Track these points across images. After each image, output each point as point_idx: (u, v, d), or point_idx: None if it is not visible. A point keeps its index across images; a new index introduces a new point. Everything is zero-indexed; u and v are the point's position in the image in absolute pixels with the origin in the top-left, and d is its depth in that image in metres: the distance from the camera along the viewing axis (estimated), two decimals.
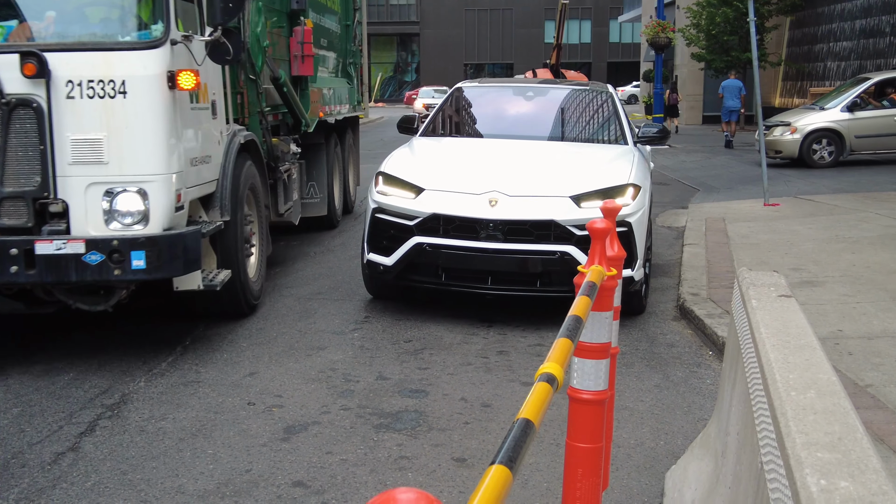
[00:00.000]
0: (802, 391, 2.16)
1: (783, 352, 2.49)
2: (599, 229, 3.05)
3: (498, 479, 1.29)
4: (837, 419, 1.99)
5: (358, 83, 13.60)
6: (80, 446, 4.48)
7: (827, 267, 8.10)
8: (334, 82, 12.05)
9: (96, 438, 4.58)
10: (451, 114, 8.88)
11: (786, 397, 2.13)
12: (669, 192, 14.96)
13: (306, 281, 8.29)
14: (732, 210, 12.13)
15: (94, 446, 4.48)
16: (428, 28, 74.06)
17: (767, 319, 2.88)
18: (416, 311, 7.11)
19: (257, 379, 5.54)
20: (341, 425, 4.78)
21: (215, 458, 4.35)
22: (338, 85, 12.32)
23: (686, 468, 3.77)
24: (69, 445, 4.49)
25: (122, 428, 4.74)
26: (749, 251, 9.08)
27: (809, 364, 2.37)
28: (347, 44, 13.00)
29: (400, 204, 6.85)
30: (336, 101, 11.91)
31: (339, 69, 12.79)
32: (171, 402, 5.13)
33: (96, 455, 4.37)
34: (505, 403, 5.09)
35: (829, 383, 2.25)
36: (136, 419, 4.85)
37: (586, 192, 6.69)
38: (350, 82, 13.24)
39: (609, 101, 8.65)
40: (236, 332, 6.53)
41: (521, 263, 6.57)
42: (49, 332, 6.45)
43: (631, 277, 6.62)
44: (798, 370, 2.32)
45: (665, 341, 6.45)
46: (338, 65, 12.68)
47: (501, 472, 1.32)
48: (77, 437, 4.60)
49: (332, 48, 12.16)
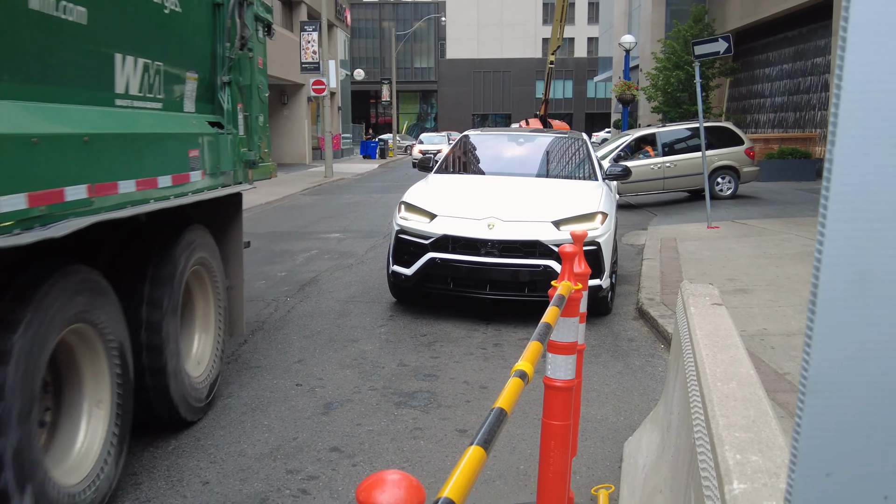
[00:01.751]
0: (726, 382, 2.20)
1: (712, 350, 2.53)
2: (569, 253, 3.09)
3: (474, 458, 1.31)
4: (753, 405, 2.03)
5: (251, 125, 5.30)
6: None
7: (756, 278, 8.09)
8: (140, 121, 3.69)
9: None
10: (460, 155, 8.93)
11: (713, 387, 2.16)
12: (633, 217, 14.94)
13: (344, 287, 8.31)
14: (682, 231, 12.10)
15: None
16: (444, 86, 74.32)
17: (702, 323, 2.91)
18: (430, 311, 7.13)
19: (304, 365, 5.57)
20: (369, 402, 4.82)
21: (269, 428, 4.39)
22: (153, 126, 3.83)
23: (640, 439, 3.79)
24: None
25: None
26: (694, 265, 9.08)
27: (733, 360, 2.40)
28: (206, 40, 4.62)
29: (417, 227, 6.91)
30: (138, 166, 3.60)
31: (177, 92, 4.20)
32: (236, 383, 5.17)
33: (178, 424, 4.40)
34: (499, 386, 5.07)
35: (748, 376, 2.28)
36: None
37: (564, 218, 6.76)
38: (225, 120, 4.83)
39: (583, 146, 8.70)
40: (289, 328, 6.57)
41: (513, 274, 6.61)
42: None
43: (599, 286, 6.67)
44: (723, 365, 2.35)
45: (626, 336, 6.47)
46: (164, 81, 3.94)
47: (477, 452, 1.33)
48: None
49: (132, 34, 3.59)
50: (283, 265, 9.63)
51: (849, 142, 0.77)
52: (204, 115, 4.50)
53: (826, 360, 0.79)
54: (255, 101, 5.30)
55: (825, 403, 0.80)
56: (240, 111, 4.96)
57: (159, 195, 3.69)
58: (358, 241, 11.77)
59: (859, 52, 0.75)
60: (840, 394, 0.79)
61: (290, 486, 3.69)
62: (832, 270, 0.78)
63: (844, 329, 0.79)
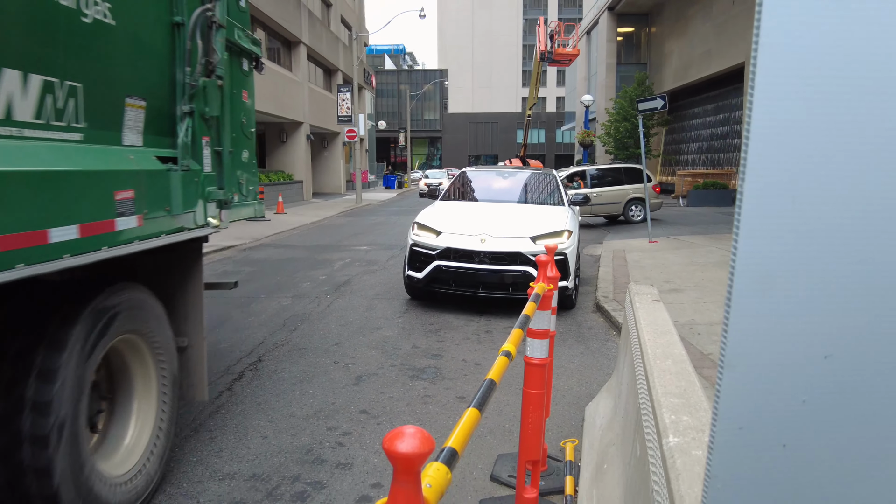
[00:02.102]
0: (663, 360, 2.20)
1: (652, 335, 2.53)
2: (543, 261, 3.09)
3: (471, 417, 1.32)
4: (684, 378, 2.02)
5: (225, 161, 3.61)
6: (233, 387, 4.53)
7: (686, 280, 8.07)
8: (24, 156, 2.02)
9: (243, 383, 4.63)
10: (459, 186, 8.93)
11: (653, 364, 2.16)
12: (592, 234, 14.91)
13: (371, 287, 8.30)
14: (629, 245, 12.07)
15: (241, 387, 4.53)
16: (447, 133, 74.26)
17: (644, 315, 2.91)
18: (437, 306, 7.11)
19: (340, 347, 5.56)
20: (389, 376, 4.81)
21: (313, 395, 4.39)
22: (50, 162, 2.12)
23: (598, 404, 3.79)
24: (226, 386, 4.54)
25: (258, 376, 4.77)
26: (639, 270, 9.06)
27: (668, 344, 2.40)
28: (162, 64, 3.01)
29: (427, 241, 6.91)
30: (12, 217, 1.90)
31: (109, 121, 2.59)
32: (287, 360, 5.16)
33: (242, 393, 4.42)
34: (489, 363, 5.06)
35: (680, 356, 2.28)
36: (266, 371, 4.89)
37: (539, 234, 6.76)
38: (181, 154, 3.11)
39: (553, 180, 8.70)
40: (328, 318, 6.55)
41: (500, 277, 6.60)
42: (213, 321, 6.49)
43: (566, 286, 6.66)
44: (661, 347, 2.35)
45: (587, 325, 6.45)
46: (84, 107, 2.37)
47: (474, 413, 1.35)
48: (231, 382, 4.65)
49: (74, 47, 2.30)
50: (324, 270, 9.63)
51: (754, 177, 0.78)
52: (154, 148, 2.96)
53: (738, 342, 0.80)
54: (238, 136, 3.90)
55: (737, 375, 0.81)
56: (205, 145, 3.37)
57: (45, 255, 2.07)
58: (381, 251, 11.77)
59: (762, 110, 0.77)
60: (748, 368, 0.80)
61: (329, 439, 3.68)
62: (742, 275, 0.80)
63: (751, 319, 0.80)
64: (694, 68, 27.36)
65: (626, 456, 2.27)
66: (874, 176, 0.77)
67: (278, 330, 6.09)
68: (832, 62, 0.75)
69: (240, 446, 3.58)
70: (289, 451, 3.52)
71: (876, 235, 0.77)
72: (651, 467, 1.59)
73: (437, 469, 1.08)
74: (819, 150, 0.77)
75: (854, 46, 0.74)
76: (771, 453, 0.80)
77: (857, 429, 0.80)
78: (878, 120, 0.76)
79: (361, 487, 3.14)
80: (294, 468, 3.33)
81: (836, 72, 0.75)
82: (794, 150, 0.77)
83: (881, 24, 0.74)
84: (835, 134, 0.77)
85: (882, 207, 0.76)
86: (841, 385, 0.79)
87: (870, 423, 0.80)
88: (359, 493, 3.09)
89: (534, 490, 2.68)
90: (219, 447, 3.56)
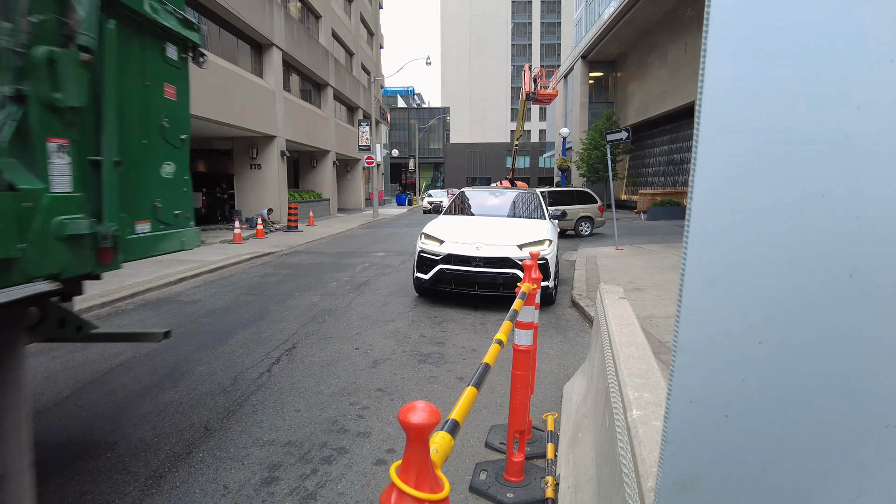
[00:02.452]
0: (627, 347, 2.19)
1: (618, 326, 2.52)
2: (528, 265, 3.09)
3: (469, 394, 1.33)
4: (645, 362, 2.02)
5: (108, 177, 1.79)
6: (271, 369, 4.50)
7: (647, 281, 8.05)
8: None
9: (280, 366, 4.60)
10: (459, 203, 8.91)
11: (619, 349, 2.16)
12: (568, 243, 14.87)
13: (386, 286, 8.29)
14: (599, 252, 12.05)
15: (279, 369, 4.51)
16: (449, 160, 74.11)
17: (611, 309, 2.90)
18: (440, 302, 7.10)
19: (360, 336, 5.54)
20: (401, 360, 4.79)
21: (338, 376, 4.37)
22: None
23: (573, 384, 3.77)
24: (266, 369, 4.52)
25: (292, 360, 4.75)
26: (608, 273, 9.03)
27: (631, 334, 2.39)
28: None
29: (432, 248, 6.90)
30: None
31: None
32: (316, 347, 5.14)
33: (280, 374, 4.40)
34: (483, 350, 5.08)
35: (642, 343, 2.27)
36: (300, 356, 4.87)
37: (525, 242, 6.74)
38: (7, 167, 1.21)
39: (537, 198, 8.68)
40: (351, 313, 6.54)
41: (492, 278, 6.58)
42: (246, 321, 6.48)
43: (548, 286, 6.65)
44: (625, 336, 2.35)
45: (565, 318, 6.43)
46: None
47: (472, 390, 1.35)
48: (270, 365, 4.62)
49: None
50: (347, 273, 9.62)
51: (701, 197, 0.79)
52: None
53: (688, 331, 0.81)
54: (155, 142, 2.45)
55: (688, 358, 0.81)
56: (56, 151, 1.83)
57: None
58: (394, 257, 11.76)
59: (706, 142, 0.78)
60: (697, 352, 0.81)
61: (351, 412, 3.67)
62: (692, 277, 0.81)
63: (699, 313, 0.81)
64: (653, 106, 27.39)
65: (597, 426, 2.27)
66: (799, 194, 0.78)
67: (309, 322, 6.07)
68: (763, 103, 0.76)
69: (277, 418, 3.57)
70: (318, 423, 3.51)
71: (801, 244, 0.78)
72: (618, 435, 1.59)
73: (442, 437, 1.08)
74: (752, 174, 0.78)
75: (778, 89, 0.76)
76: (716, 422, 0.81)
77: (786, 401, 0.80)
78: (799, 150, 0.77)
79: (378, 452, 3.13)
80: (322, 436, 3.32)
81: (767, 112, 0.77)
82: (732, 174, 0.78)
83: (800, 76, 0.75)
84: (765, 161, 0.78)
85: (805, 220, 0.77)
86: (773, 366, 0.80)
87: (796, 397, 0.80)
88: (376, 457, 3.08)
89: (521, 455, 2.67)
90: (260, 419, 3.56)
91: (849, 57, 0.75)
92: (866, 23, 0.74)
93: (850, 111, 0.76)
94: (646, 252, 11.74)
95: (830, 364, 0.80)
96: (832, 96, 0.76)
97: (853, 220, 0.77)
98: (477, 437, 3.34)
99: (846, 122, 0.76)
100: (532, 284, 2.95)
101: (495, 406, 3.81)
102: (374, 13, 39.50)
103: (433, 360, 4.81)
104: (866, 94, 0.76)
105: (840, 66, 0.75)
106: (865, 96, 0.76)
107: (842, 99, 0.76)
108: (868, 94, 0.76)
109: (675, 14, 24.37)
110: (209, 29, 15.68)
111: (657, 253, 11.48)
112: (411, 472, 0.90)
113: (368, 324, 6.04)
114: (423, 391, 4.10)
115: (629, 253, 11.69)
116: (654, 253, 11.51)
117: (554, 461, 2.90)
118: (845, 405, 0.80)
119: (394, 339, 5.46)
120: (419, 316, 6.45)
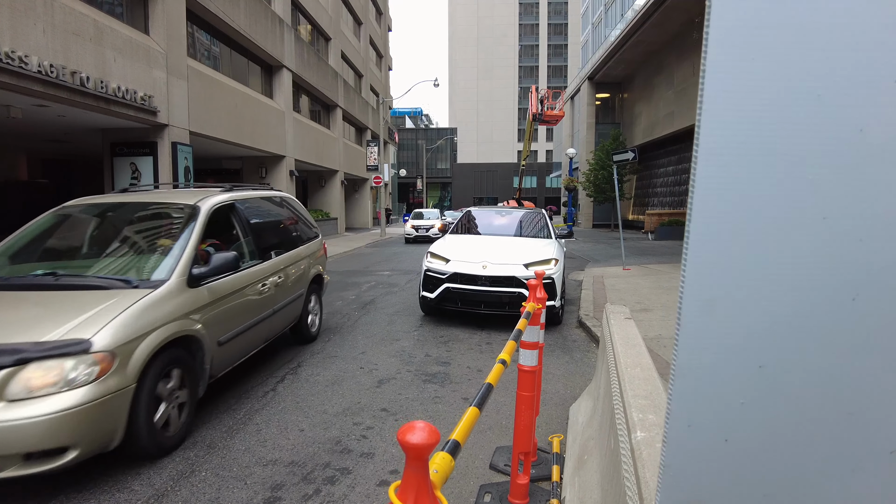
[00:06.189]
0: (632, 368, 2.17)
1: (624, 347, 2.50)
2: (533, 285, 3.08)
3: (472, 414, 1.32)
4: (650, 383, 2.00)
5: None
6: (276, 388, 4.50)
7: (654, 301, 7.99)
8: None
9: (285, 384, 4.60)
10: (465, 222, 8.94)
11: (624, 371, 2.14)
12: (575, 262, 14.83)
13: (391, 305, 8.29)
14: (607, 272, 12.00)
15: (283, 388, 4.50)
16: (456, 179, 74.77)
17: (617, 330, 2.88)
18: (446, 321, 7.07)
19: (365, 355, 5.53)
20: (406, 380, 4.76)
21: (342, 395, 4.35)
22: None
23: (580, 405, 3.73)
24: (271, 387, 4.51)
25: (297, 379, 4.74)
26: (615, 293, 8.98)
27: (637, 354, 2.37)
28: None
29: (438, 267, 6.89)
30: None
31: None
32: (321, 366, 5.13)
33: (284, 393, 4.39)
34: (488, 370, 5.00)
35: (647, 364, 2.25)
36: (304, 375, 4.86)
37: (531, 261, 6.71)
38: None
39: (543, 217, 8.69)
40: (356, 331, 6.53)
41: (498, 297, 6.55)
42: None
43: (554, 305, 6.61)
44: (631, 357, 2.33)
45: (571, 338, 6.38)
46: None
47: (474, 411, 1.34)
48: (275, 383, 4.62)
49: None
50: (353, 291, 9.63)
51: (699, 218, 0.80)
52: None
53: (687, 355, 0.81)
54: None
55: (687, 382, 0.81)
56: None
57: None
58: (400, 276, 11.77)
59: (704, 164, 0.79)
60: (696, 376, 0.81)
61: (355, 432, 3.65)
62: (690, 299, 0.81)
63: (698, 335, 0.81)
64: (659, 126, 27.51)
65: (602, 448, 2.24)
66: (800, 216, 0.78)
67: (315, 342, 6.08)
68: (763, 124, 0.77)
69: (281, 437, 3.55)
70: (321, 442, 3.49)
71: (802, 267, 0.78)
72: (622, 457, 1.57)
73: (442, 457, 1.07)
74: (752, 195, 0.79)
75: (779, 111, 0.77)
76: (714, 447, 0.80)
77: (787, 426, 0.80)
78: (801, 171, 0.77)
79: (381, 473, 3.10)
80: (325, 456, 3.30)
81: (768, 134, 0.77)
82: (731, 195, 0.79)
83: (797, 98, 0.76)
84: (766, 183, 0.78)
85: (806, 242, 0.78)
86: (773, 390, 0.79)
87: (798, 422, 0.79)
88: (379, 478, 3.05)
89: (525, 477, 2.63)
90: (263, 438, 3.54)
91: (851, 79, 0.75)
92: (867, 45, 0.75)
93: (853, 133, 0.76)
94: (653, 272, 11.67)
95: (833, 389, 0.79)
96: (834, 118, 0.76)
97: (856, 243, 0.77)
98: (482, 458, 3.30)
99: (848, 144, 0.76)
100: (537, 304, 2.94)
101: (500, 427, 3.76)
102: (383, 35, 40.21)
103: (438, 379, 4.78)
104: (868, 116, 0.76)
105: (842, 87, 0.75)
106: (868, 118, 0.76)
107: (844, 121, 0.76)
108: (870, 117, 0.76)
109: (681, 36, 24.63)
110: (221, 51, 16.00)
111: (665, 273, 11.41)
112: (410, 492, 0.90)
113: (374, 343, 6.02)
114: (428, 411, 4.06)
115: (636, 273, 11.63)
116: (661, 273, 11.44)
117: (559, 484, 2.86)
118: (849, 431, 0.79)
119: (399, 358, 5.43)
120: (425, 335, 6.42)
